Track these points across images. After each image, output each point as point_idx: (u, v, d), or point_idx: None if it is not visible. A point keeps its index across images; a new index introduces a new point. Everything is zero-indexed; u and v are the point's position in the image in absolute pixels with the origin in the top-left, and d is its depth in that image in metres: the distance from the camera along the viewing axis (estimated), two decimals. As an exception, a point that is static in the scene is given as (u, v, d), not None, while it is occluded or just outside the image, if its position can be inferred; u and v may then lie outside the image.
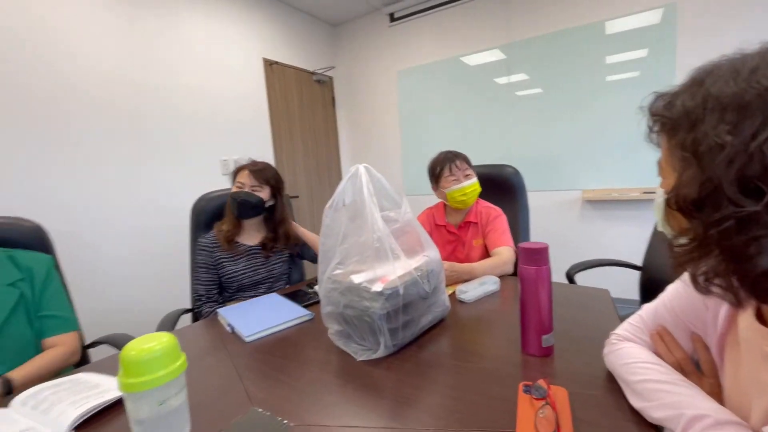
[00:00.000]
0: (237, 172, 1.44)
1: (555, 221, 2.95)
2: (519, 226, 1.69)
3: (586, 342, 0.80)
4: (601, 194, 2.69)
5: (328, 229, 0.91)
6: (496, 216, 1.49)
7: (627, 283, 1.64)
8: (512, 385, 0.66)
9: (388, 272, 0.83)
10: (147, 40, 2.29)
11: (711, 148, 0.37)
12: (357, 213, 0.88)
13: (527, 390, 0.63)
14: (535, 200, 2.02)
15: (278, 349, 0.91)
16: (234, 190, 1.41)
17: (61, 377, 0.81)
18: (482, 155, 2.41)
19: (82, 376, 0.79)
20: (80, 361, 1.14)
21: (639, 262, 1.56)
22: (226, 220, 1.43)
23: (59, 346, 0.99)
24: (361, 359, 0.81)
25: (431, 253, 0.96)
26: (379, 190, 0.91)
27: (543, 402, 0.58)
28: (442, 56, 3.30)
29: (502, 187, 1.75)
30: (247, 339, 0.97)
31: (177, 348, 0.59)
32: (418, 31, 3.40)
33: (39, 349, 0.98)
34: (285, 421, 0.62)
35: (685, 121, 0.41)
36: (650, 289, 1.45)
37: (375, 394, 0.70)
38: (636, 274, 1.56)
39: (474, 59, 3.16)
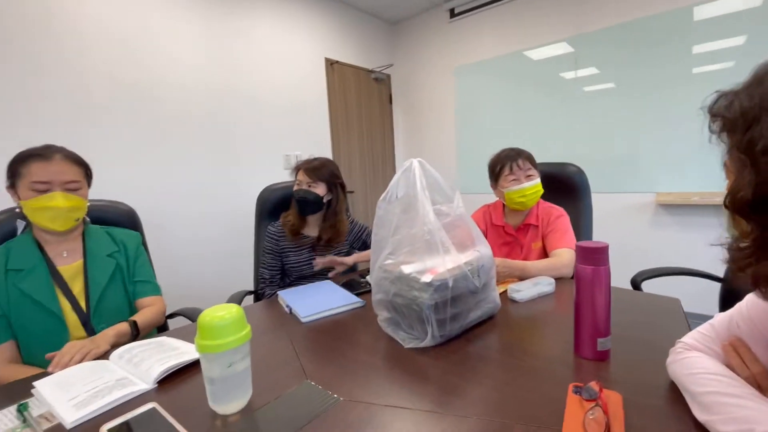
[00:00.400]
0: (296, 170, 1.52)
1: (622, 226, 2.72)
2: (581, 230, 1.60)
3: (648, 349, 0.75)
4: (679, 198, 2.45)
5: (381, 220, 0.95)
6: (558, 216, 1.42)
7: (704, 297, 1.49)
8: (562, 385, 0.64)
9: (437, 264, 0.85)
10: (225, 44, 2.50)
11: (766, 149, 0.35)
12: (409, 205, 0.90)
13: (577, 391, 0.61)
14: (601, 202, 1.89)
15: (331, 332, 0.97)
16: (294, 188, 1.50)
17: (147, 339, 0.93)
18: (544, 153, 2.30)
19: (165, 339, 0.91)
20: (161, 327, 1.30)
21: (720, 274, 1.40)
22: (291, 213, 1.52)
23: (153, 305, 1.15)
24: (408, 347, 0.84)
25: (482, 248, 0.95)
26: (432, 185, 0.93)
27: (593, 404, 0.56)
28: (504, 51, 3.19)
29: (563, 187, 1.66)
30: (304, 320, 1.04)
31: (243, 319, 0.66)
32: (479, 26, 3.33)
33: (133, 311, 1.13)
34: (335, 395, 0.67)
35: (741, 121, 0.39)
36: (732, 302, 1.30)
37: (421, 381, 0.72)
38: (716, 288, 1.40)
39: (538, 53, 3.02)
